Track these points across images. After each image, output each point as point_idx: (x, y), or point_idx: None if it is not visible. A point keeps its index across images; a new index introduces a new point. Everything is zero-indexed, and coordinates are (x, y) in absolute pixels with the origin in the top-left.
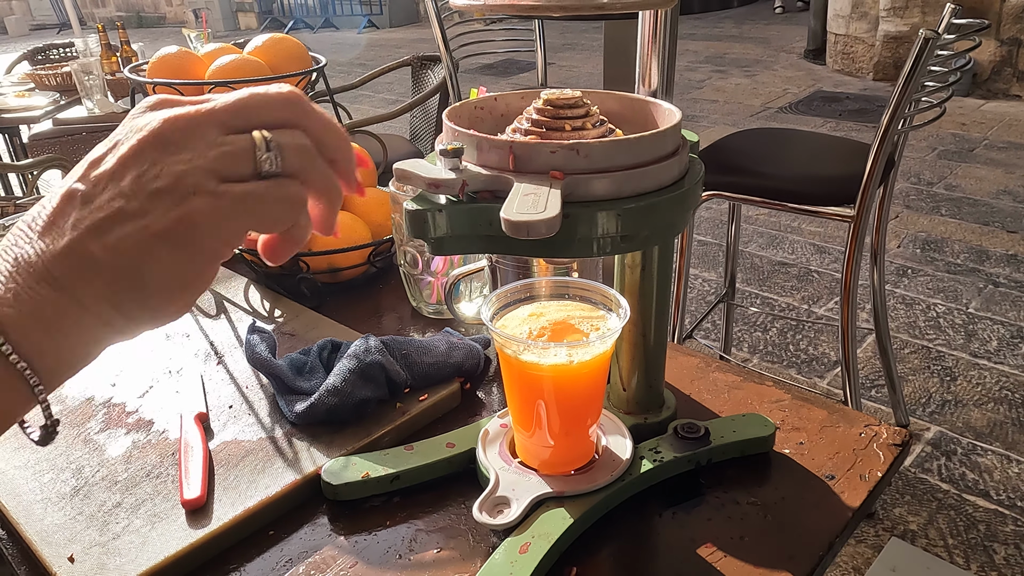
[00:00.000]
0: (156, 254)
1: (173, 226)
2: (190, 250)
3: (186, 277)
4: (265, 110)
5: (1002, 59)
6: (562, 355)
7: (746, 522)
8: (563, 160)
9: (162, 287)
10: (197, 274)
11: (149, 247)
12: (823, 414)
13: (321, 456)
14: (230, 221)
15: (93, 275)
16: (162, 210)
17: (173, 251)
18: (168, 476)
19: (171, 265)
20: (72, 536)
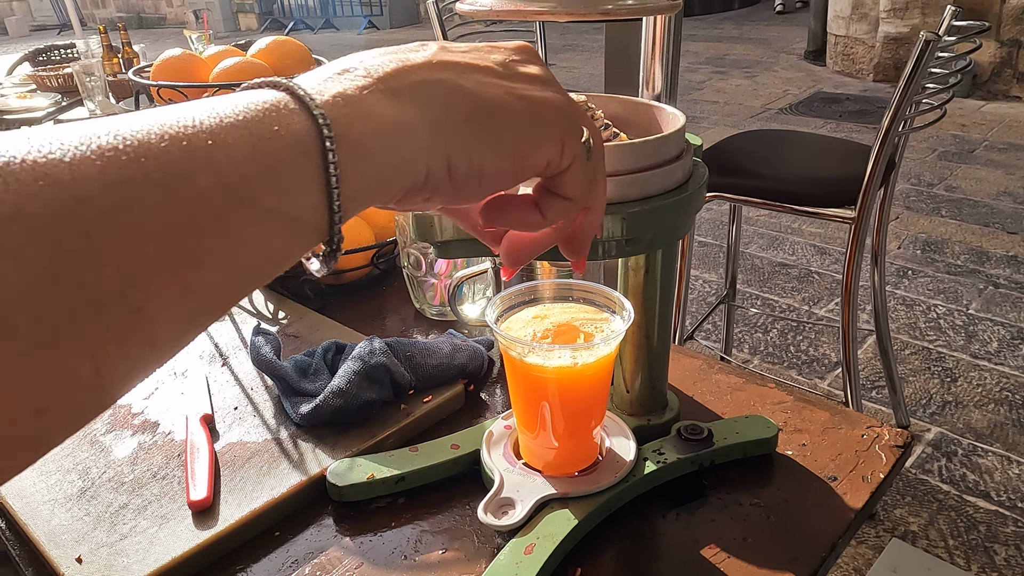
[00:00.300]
0: (511, 113)
1: (533, 102)
2: (530, 135)
3: (508, 159)
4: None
5: (1002, 60)
6: (566, 357)
7: (749, 523)
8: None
9: (494, 148)
10: (510, 168)
11: (508, 103)
12: (825, 416)
13: (326, 457)
14: (566, 144)
15: (443, 99)
16: (526, 84)
17: (522, 121)
18: (174, 477)
19: (512, 135)
20: (79, 537)
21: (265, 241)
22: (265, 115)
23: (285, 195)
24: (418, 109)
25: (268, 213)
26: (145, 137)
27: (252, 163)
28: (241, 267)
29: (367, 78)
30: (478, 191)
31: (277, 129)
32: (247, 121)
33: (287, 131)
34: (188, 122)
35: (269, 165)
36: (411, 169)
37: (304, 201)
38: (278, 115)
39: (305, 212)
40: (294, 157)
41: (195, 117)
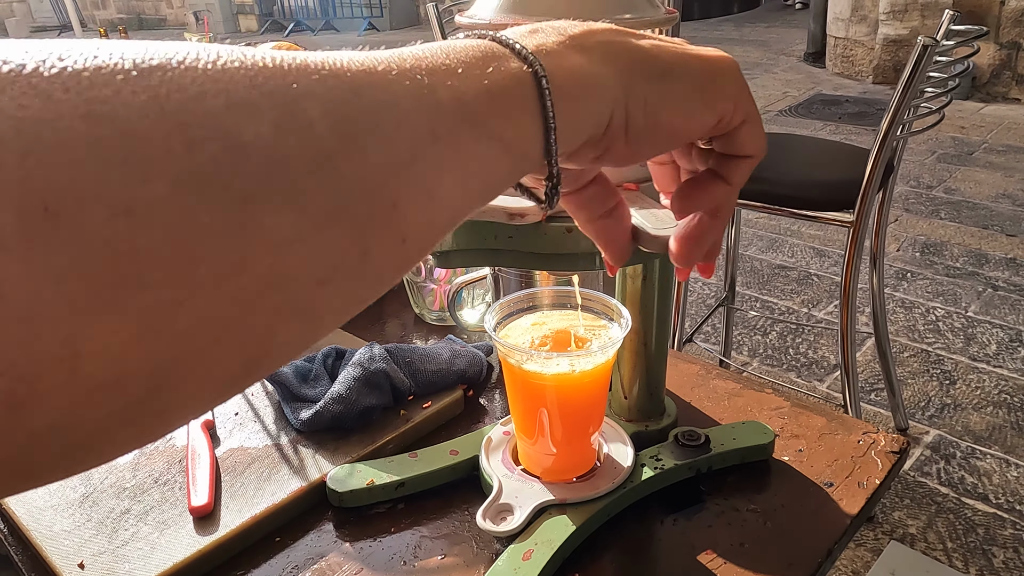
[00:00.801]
0: (688, 69)
1: (706, 60)
2: (705, 90)
3: (682, 113)
4: None
5: (1001, 62)
6: (564, 364)
7: (746, 529)
8: (630, 171)
9: (669, 102)
10: (683, 123)
11: (684, 61)
12: (822, 421)
13: (326, 463)
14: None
15: (626, 56)
16: (695, 48)
17: (697, 77)
18: (175, 483)
19: (687, 90)
20: (81, 543)
21: (488, 162)
22: (483, 55)
23: (506, 121)
24: (605, 64)
25: (491, 135)
26: (391, 57)
27: (480, 88)
28: (468, 182)
29: (559, 36)
30: (648, 147)
31: (496, 65)
32: (468, 58)
33: (505, 68)
34: (420, 53)
35: (494, 93)
36: (597, 118)
37: (521, 132)
38: (494, 57)
39: (522, 141)
40: (513, 89)
41: (424, 51)
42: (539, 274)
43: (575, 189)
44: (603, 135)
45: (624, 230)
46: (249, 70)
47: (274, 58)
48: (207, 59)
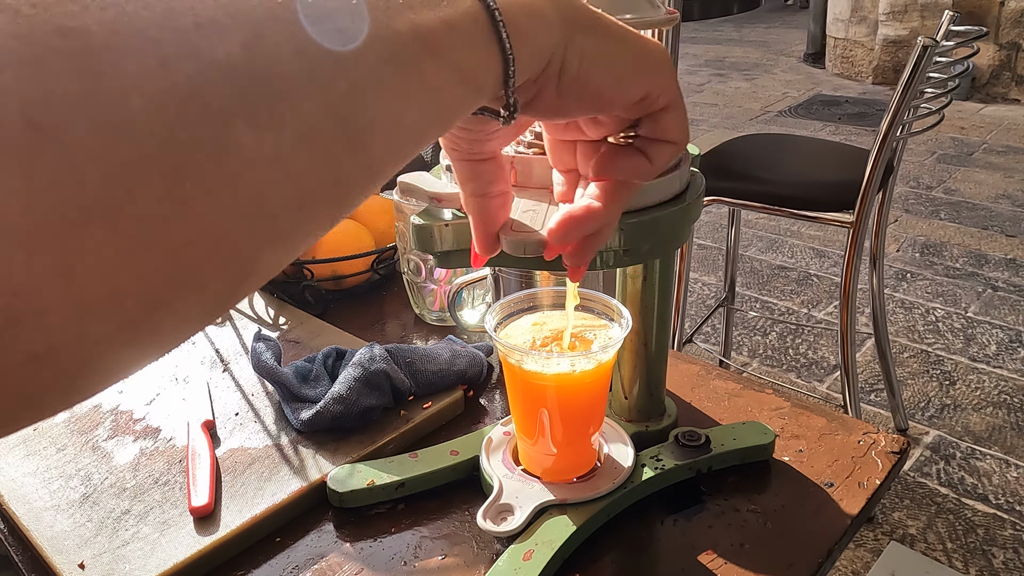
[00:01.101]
0: (625, 37)
1: (643, 38)
2: (636, 62)
3: (612, 75)
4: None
5: (1001, 63)
6: (565, 364)
7: (746, 529)
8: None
9: (603, 60)
10: (612, 85)
11: (624, 31)
12: (822, 422)
13: (327, 463)
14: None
15: (572, 5)
16: (633, 29)
17: (632, 46)
18: (176, 483)
19: (621, 54)
20: (82, 543)
21: (448, 91)
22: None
23: (464, 52)
24: (552, 8)
25: (451, 66)
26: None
27: (436, 20)
28: (430, 111)
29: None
30: (575, 102)
31: (446, 3)
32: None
33: (456, 5)
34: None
35: (451, 24)
36: (540, 55)
37: (479, 64)
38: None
39: (479, 72)
40: (468, 23)
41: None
42: (539, 274)
43: (475, 158)
44: (537, 77)
45: (500, 219)
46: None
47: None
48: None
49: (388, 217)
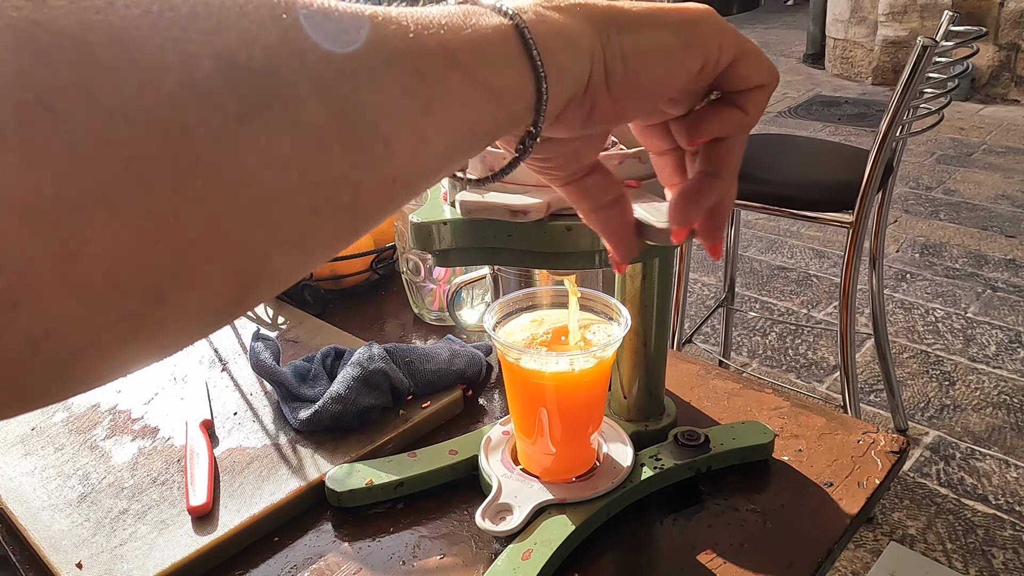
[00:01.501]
0: (663, 18)
1: (681, 8)
2: (682, 37)
3: (662, 61)
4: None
5: (1000, 64)
6: (564, 363)
7: (746, 529)
8: (630, 169)
9: (647, 52)
10: (665, 71)
11: (657, 12)
12: (822, 421)
13: (325, 463)
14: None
15: (600, 11)
16: (670, 6)
17: (673, 24)
18: (174, 483)
19: (664, 37)
20: (79, 542)
21: (476, 109)
22: (464, 13)
23: (493, 70)
24: (581, 20)
25: (480, 82)
26: (375, 8)
27: (464, 38)
28: (457, 128)
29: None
30: (633, 101)
31: (477, 20)
32: (450, 15)
33: (487, 22)
34: (403, 11)
35: (479, 42)
36: (579, 72)
37: (510, 81)
38: (474, 14)
39: (511, 91)
40: (497, 42)
41: (406, 10)
42: (538, 274)
43: (576, 177)
44: (585, 92)
45: (627, 223)
46: (237, 1)
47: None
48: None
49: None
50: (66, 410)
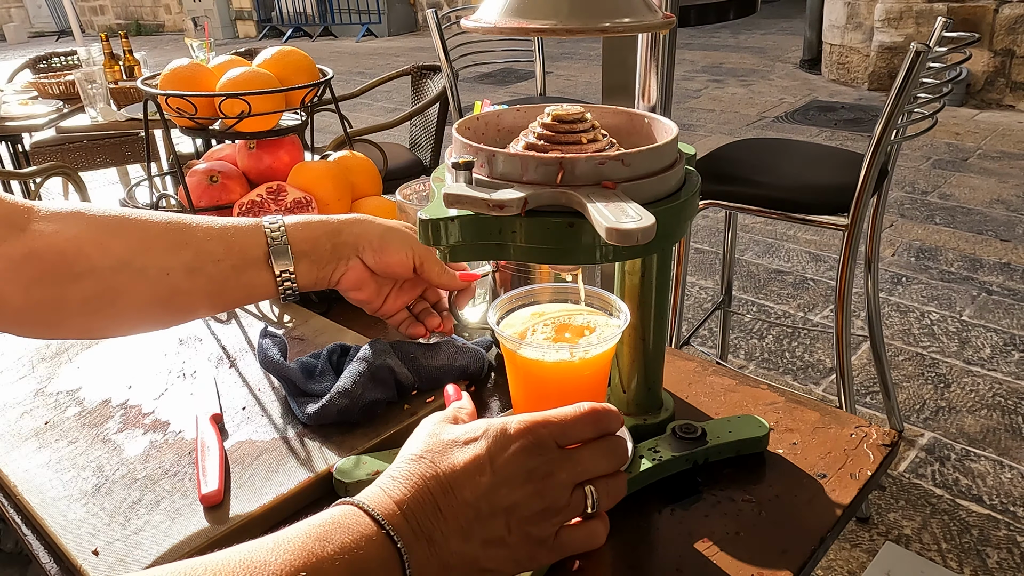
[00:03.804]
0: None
1: (529, 558)
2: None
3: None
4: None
5: (995, 70)
6: (565, 352)
7: (741, 518)
8: (612, 170)
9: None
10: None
11: (499, 558)
12: (815, 416)
13: (332, 455)
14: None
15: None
16: (527, 551)
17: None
18: (186, 474)
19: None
20: (95, 531)
21: None
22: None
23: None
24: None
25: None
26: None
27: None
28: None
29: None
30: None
31: (362, 553)
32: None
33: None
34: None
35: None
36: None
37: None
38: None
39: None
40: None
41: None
42: (538, 270)
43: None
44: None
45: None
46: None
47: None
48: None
49: (391, 217)
50: (78, 405)
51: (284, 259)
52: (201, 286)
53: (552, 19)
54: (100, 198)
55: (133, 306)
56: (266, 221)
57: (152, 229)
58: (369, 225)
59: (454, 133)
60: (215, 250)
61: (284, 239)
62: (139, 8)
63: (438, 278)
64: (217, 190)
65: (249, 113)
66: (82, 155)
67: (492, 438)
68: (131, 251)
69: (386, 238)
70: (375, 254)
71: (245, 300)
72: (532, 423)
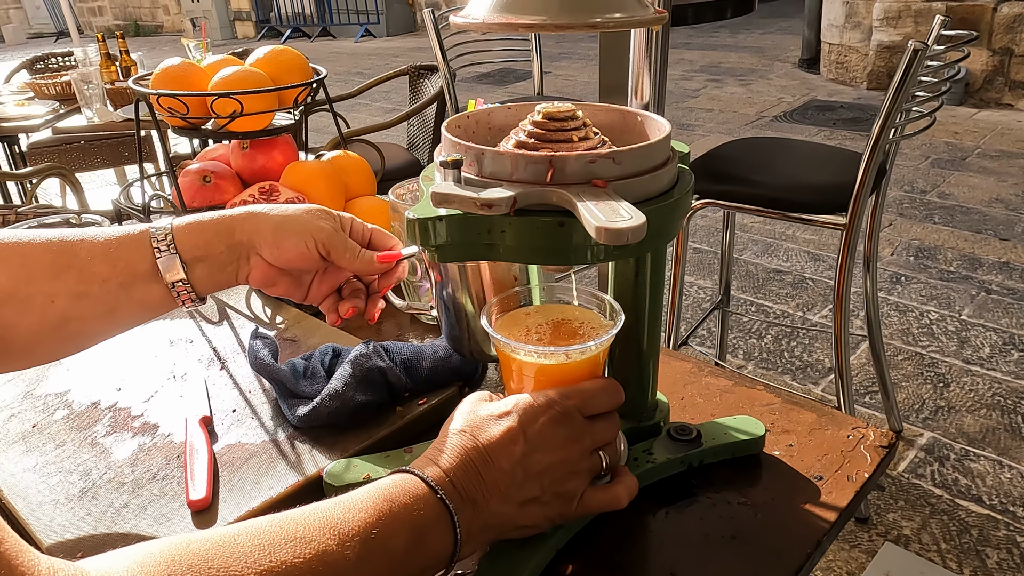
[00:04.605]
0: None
1: (560, 514)
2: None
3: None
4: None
5: (994, 68)
6: (560, 354)
7: (737, 521)
8: (603, 169)
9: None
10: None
11: (535, 515)
12: (812, 417)
13: (323, 458)
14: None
15: (500, 498)
16: (558, 508)
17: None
18: (174, 478)
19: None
20: (80, 536)
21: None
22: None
23: (428, 549)
24: (476, 505)
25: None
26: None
27: (406, 535)
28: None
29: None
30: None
31: (422, 514)
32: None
33: (428, 512)
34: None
35: (420, 534)
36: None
37: (439, 548)
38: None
39: (437, 551)
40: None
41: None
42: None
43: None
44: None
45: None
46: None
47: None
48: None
49: (384, 218)
50: (67, 407)
51: (174, 269)
52: (91, 309)
53: (541, 15)
54: (97, 199)
55: (23, 338)
56: (154, 228)
57: (33, 253)
58: (263, 219)
59: (443, 131)
60: (99, 270)
61: (172, 247)
62: (138, 9)
63: (350, 264)
64: (210, 190)
65: (241, 113)
66: (79, 156)
67: (522, 411)
68: (13, 280)
69: (280, 231)
70: (271, 249)
71: (145, 316)
72: (559, 395)
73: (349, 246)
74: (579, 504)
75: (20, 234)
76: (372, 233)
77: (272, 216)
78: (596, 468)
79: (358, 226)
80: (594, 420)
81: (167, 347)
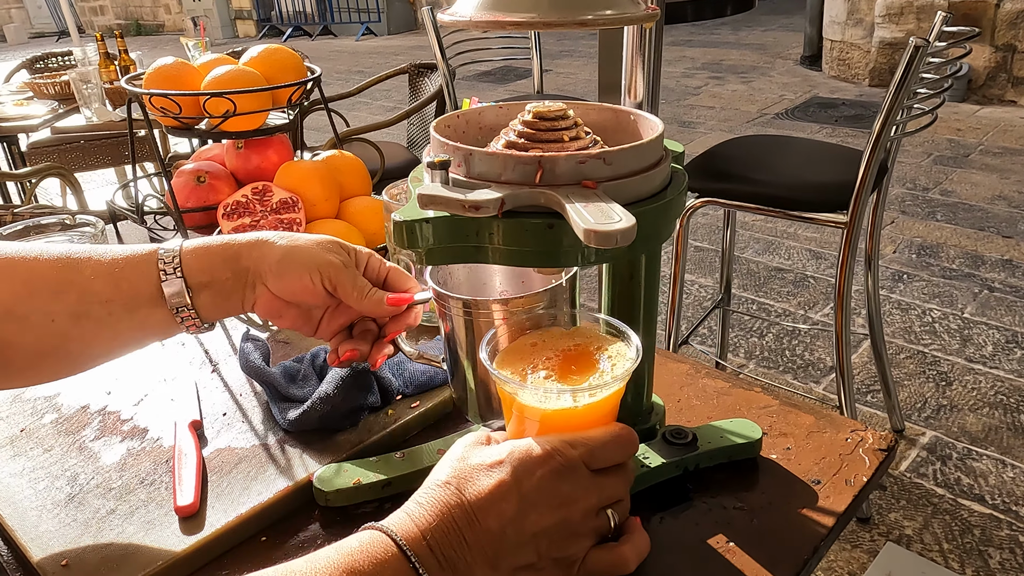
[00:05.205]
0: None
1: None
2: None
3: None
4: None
5: (997, 65)
6: (567, 399)
7: (733, 526)
8: (593, 169)
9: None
10: None
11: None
12: (810, 419)
13: (313, 463)
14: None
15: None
16: (557, 574)
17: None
18: (162, 483)
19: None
20: (67, 543)
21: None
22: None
23: None
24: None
25: None
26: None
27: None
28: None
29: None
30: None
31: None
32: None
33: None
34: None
35: None
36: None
37: None
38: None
39: None
40: None
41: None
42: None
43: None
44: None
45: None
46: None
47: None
48: None
49: (378, 218)
50: (56, 411)
51: (179, 295)
52: (91, 330)
53: (530, 12)
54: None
55: (23, 356)
56: (162, 249)
57: (39, 270)
58: (268, 248)
59: (432, 131)
60: (102, 290)
61: (178, 271)
62: (139, 8)
63: (357, 303)
64: (204, 190)
65: (234, 112)
66: (79, 156)
67: (516, 461)
68: (14, 297)
69: (285, 262)
70: (276, 280)
71: (148, 339)
72: (561, 445)
73: (358, 284)
74: (580, 569)
75: (30, 248)
76: (389, 271)
77: (279, 246)
78: (603, 529)
79: (375, 263)
80: (602, 474)
81: (158, 350)
